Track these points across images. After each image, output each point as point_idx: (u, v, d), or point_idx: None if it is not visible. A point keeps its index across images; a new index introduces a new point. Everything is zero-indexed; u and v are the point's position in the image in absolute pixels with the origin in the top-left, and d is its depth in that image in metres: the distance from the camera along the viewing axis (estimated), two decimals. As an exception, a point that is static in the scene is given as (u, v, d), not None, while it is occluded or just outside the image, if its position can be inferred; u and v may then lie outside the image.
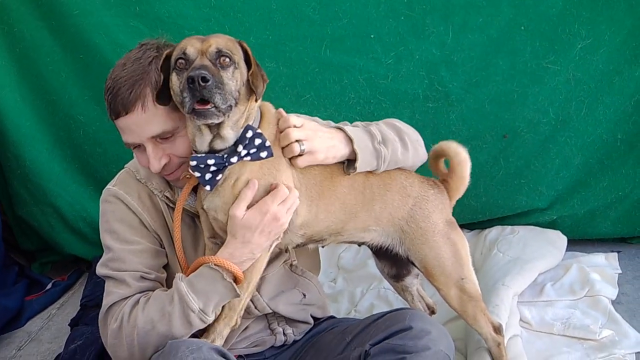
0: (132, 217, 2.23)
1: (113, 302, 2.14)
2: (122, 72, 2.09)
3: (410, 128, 2.42)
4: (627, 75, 3.27)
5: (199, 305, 2.04)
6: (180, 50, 1.95)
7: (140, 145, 2.14)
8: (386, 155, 2.23)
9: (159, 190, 2.26)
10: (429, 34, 3.29)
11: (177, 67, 1.94)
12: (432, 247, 2.34)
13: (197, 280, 2.07)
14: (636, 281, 3.26)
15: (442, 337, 2.07)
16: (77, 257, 4.05)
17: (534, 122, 3.40)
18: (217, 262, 2.05)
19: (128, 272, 2.16)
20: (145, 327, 2.05)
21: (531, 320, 2.95)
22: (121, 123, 2.11)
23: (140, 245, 2.21)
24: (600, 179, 3.48)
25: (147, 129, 2.09)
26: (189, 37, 2.00)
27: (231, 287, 2.06)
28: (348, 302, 3.30)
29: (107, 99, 2.11)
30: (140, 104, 2.07)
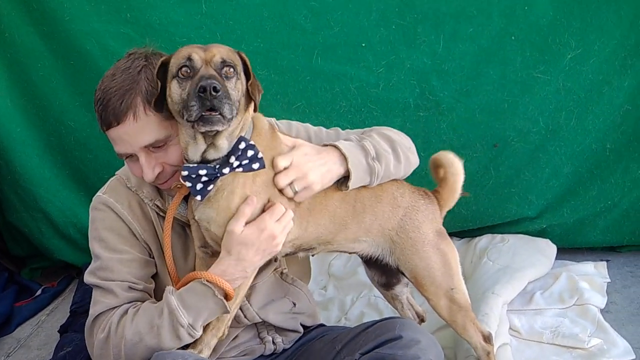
0: (121, 225, 2.22)
1: (100, 312, 2.12)
2: (112, 83, 2.07)
3: (402, 136, 2.42)
4: (616, 85, 3.30)
5: (188, 321, 2.03)
6: (183, 58, 1.93)
7: (133, 155, 2.13)
8: (379, 171, 2.23)
9: (150, 199, 2.25)
10: (420, 43, 3.31)
11: (180, 75, 1.93)
12: (422, 258, 2.33)
13: (188, 295, 2.05)
14: (625, 290, 3.28)
15: (432, 346, 2.07)
16: (67, 263, 4.04)
17: (524, 131, 3.43)
18: (209, 278, 2.04)
19: (116, 281, 2.15)
20: (133, 339, 2.04)
21: (520, 329, 2.96)
22: (113, 134, 2.10)
23: (128, 255, 2.20)
24: (590, 188, 3.51)
25: (139, 138, 2.07)
26: (189, 46, 1.98)
27: (222, 304, 2.05)
28: (338, 310, 3.30)
29: (98, 110, 2.10)
30: (132, 114, 2.05)
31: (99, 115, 2.10)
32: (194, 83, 1.87)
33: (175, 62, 1.95)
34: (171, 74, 1.96)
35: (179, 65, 1.93)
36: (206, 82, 1.83)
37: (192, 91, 1.87)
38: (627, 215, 3.50)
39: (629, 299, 3.20)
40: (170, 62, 1.98)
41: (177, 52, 1.98)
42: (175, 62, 1.95)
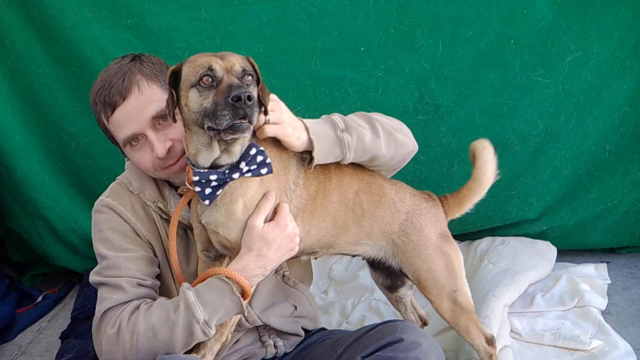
0: (125, 226, 2.23)
1: (108, 307, 2.11)
2: (108, 72, 2.17)
3: (391, 118, 2.39)
4: (615, 87, 3.32)
5: (204, 317, 2.01)
6: (203, 67, 1.92)
7: (141, 138, 2.15)
8: (350, 143, 2.18)
9: (152, 201, 2.26)
10: (418, 47, 3.32)
11: (201, 84, 1.92)
12: (424, 260, 2.33)
13: (205, 291, 2.04)
14: (625, 292, 3.28)
15: (433, 349, 2.07)
16: (68, 269, 4.04)
17: (524, 134, 3.44)
18: (228, 274, 2.04)
19: (124, 277, 2.14)
20: (146, 333, 2.02)
21: (522, 331, 2.97)
22: (119, 114, 2.14)
23: (135, 253, 2.20)
24: (589, 190, 3.52)
25: (146, 110, 2.13)
26: (202, 54, 1.98)
27: (238, 302, 2.04)
28: (339, 314, 3.30)
29: (101, 97, 2.15)
30: (136, 87, 2.13)
31: (103, 101, 2.15)
32: (222, 92, 1.87)
33: (192, 71, 1.94)
34: (188, 83, 1.94)
35: (200, 75, 1.92)
36: (239, 91, 1.84)
37: (221, 100, 1.86)
38: (627, 216, 3.51)
39: (630, 300, 3.21)
40: (184, 70, 1.96)
41: (190, 60, 1.97)
42: (193, 71, 1.94)
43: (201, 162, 2.02)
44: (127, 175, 2.33)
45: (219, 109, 1.87)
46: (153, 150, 2.16)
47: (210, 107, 1.90)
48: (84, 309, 3.48)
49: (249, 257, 2.05)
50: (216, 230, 2.08)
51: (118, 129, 2.18)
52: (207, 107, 1.90)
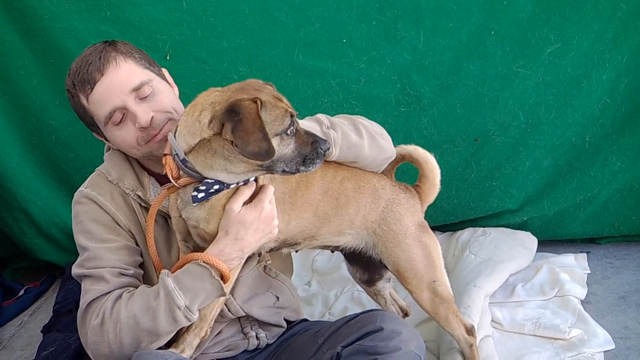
0: (105, 216, 2.22)
1: (92, 299, 2.10)
2: (84, 55, 2.19)
3: (372, 123, 2.42)
4: (595, 78, 3.33)
5: (185, 302, 2.02)
6: (288, 117, 1.95)
7: (123, 112, 2.15)
8: (336, 139, 2.23)
9: (131, 190, 2.25)
10: (400, 39, 3.33)
11: (288, 133, 1.96)
12: (404, 250, 2.36)
13: (184, 277, 2.05)
14: (605, 281, 3.31)
15: (413, 338, 2.08)
16: (49, 263, 4.00)
17: (505, 125, 3.45)
18: (205, 259, 2.04)
19: (106, 268, 2.13)
20: (128, 322, 2.03)
21: (502, 321, 2.99)
22: (99, 89, 2.13)
23: (116, 243, 2.19)
24: (569, 181, 3.54)
25: (126, 83, 2.14)
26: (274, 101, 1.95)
27: (218, 286, 2.05)
28: (322, 305, 3.31)
29: (79, 77, 2.15)
30: (114, 62, 2.14)
31: (81, 81, 2.14)
32: (306, 143, 2.00)
33: (276, 120, 1.93)
34: (273, 131, 1.92)
35: (287, 125, 1.95)
36: (327, 144, 2.03)
37: (310, 150, 1.99)
38: (606, 207, 3.54)
39: (609, 289, 3.24)
40: (264, 116, 1.91)
41: (269, 105, 1.94)
42: (278, 120, 1.93)
43: (209, 176, 2.02)
44: (106, 166, 2.32)
45: (309, 158, 2.00)
46: (136, 122, 2.16)
47: (291, 154, 1.98)
48: (66, 303, 3.46)
49: (226, 240, 2.07)
50: (196, 225, 2.10)
51: (99, 106, 2.16)
52: (289, 155, 1.98)
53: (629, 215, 3.54)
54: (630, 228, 3.58)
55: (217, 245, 2.07)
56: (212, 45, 3.38)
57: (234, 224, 2.06)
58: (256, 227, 2.08)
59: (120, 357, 2.06)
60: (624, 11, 3.20)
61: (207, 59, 3.40)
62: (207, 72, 3.42)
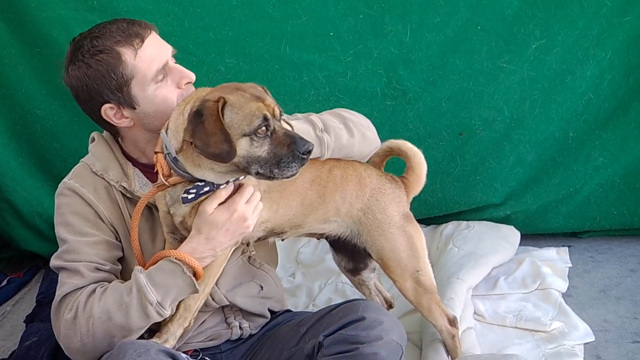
0: (87, 209, 2.22)
1: (66, 292, 2.12)
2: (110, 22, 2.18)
3: (358, 115, 2.45)
4: (579, 74, 3.36)
5: (157, 298, 2.04)
6: (258, 118, 1.93)
7: (166, 73, 2.16)
8: (329, 142, 2.27)
9: (116, 181, 2.25)
10: (387, 33, 3.33)
11: (257, 134, 1.94)
12: (388, 239, 2.39)
13: (157, 273, 2.07)
14: (586, 275, 3.35)
15: (395, 327, 2.10)
16: (33, 253, 3.99)
17: (489, 120, 3.47)
18: (178, 256, 2.06)
19: (82, 262, 2.15)
20: (101, 317, 2.04)
21: (485, 313, 3.01)
22: (150, 44, 2.14)
23: (95, 238, 2.20)
24: (552, 176, 3.56)
25: (165, 44, 2.21)
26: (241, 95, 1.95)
27: (190, 282, 2.07)
28: (306, 297, 3.32)
29: (125, 32, 2.12)
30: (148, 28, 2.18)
31: (129, 35, 2.12)
32: (282, 144, 1.94)
33: (244, 120, 1.93)
34: (239, 131, 1.92)
35: (256, 126, 1.93)
36: (308, 146, 1.95)
37: (286, 152, 1.94)
38: (588, 201, 3.56)
39: (590, 283, 3.27)
40: (228, 115, 1.92)
41: (234, 105, 1.93)
42: (245, 120, 1.93)
43: (197, 176, 2.03)
44: (90, 157, 2.32)
45: (284, 161, 1.94)
46: (182, 79, 2.18)
47: (266, 156, 1.95)
48: (49, 293, 3.43)
49: (198, 239, 2.09)
50: (183, 220, 2.12)
51: (148, 62, 2.12)
52: (263, 156, 1.95)
53: (611, 210, 3.57)
54: (611, 222, 3.61)
55: (190, 243, 2.10)
56: (198, 36, 3.37)
57: (205, 224, 2.08)
58: (227, 228, 2.10)
59: (92, 351, 2.08)
60: (609, 8, 3.22)
61: (194, 50, 3.39)
62: (193, 63, 3.23)
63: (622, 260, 3.46)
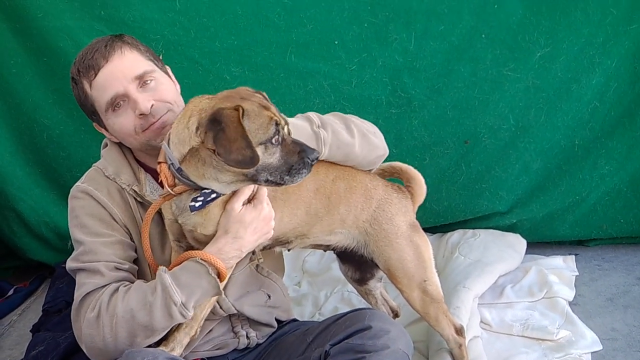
0: (102, 211, 2.24)
1: (88, 292, 2.11)
2: (91, 44, 2.24)
3: (364, 121, 2.44)
4: (584, 83, 3.36)
5: (181, 299, 2.03)
6: (273, 126, 1.94)
7: (124, 100, 2.18)
8: (326, 138, 2.26)
9: (128, 184, 2.27)
10: (391, 41, 3.35)
11: (273, 142, 1.95)
12: (395, 249, 2.38)
13: (182, 274, 2.06)
14: (592, 283, 3.33)
15: (401, 336, 2.10)
16: (39, 262, 4.00)
17: (495, 128, 3.47)
18: (203, 257, 2.06)
19: (101, 262, 2.15)
20: (124, 316, 2.04)
21: (491, 322, 3.00)
22: (103, 75, 2.18)
23: (112, 238, 2.21)
24: (558, 184, 3.56)
25: (129, 70, 2.19)
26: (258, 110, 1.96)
27: (215, 284, 2.07)
28: (312, 306, 3.31)
29: (84, 63, 2.19)
30: (119, 51, 2.20)
31: (86, 67, 2.19)
32: (292, 152, 1.98)
33: (260, 128, 1.94)
34: (256, 140, 1.93)
35: (272, 134, 1.94)
36: (315, 154, 2.00)
37: (296, 160, 1.98)
38: (594, 209, 3.55)
39: (597, 291, 3.25)
40: (247, 124, 1.93)
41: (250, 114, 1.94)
42: (262, 129, 1.94)
43: (202, 185, 2.04)
44: (103, 162, 2.35)
45: (295, 168, 1.98)
46: (136, 109, 2.18)
47: (277, 163, 1.97)
48: (56, 302, 3.44)
49: (225, 239, 2.09)
50: (193, 230, 2.12)
51: (101, 92, 2.20)
52: (274, 164, 1.97)
53: (617, 218, 3.56)
54: (618, 230, 3.60)
55: (216, 243, 2.09)
56: (204, 45, 3.40)
57: (234, 222, 2.08)
58: (255, 226, 2.11)
59: (114, 350, 2.06)
60: (614, 16, 3.22)
61: (200, 59, 3.42)
62: (199, 73, 3.43)
63: (629, 269, 3.44)
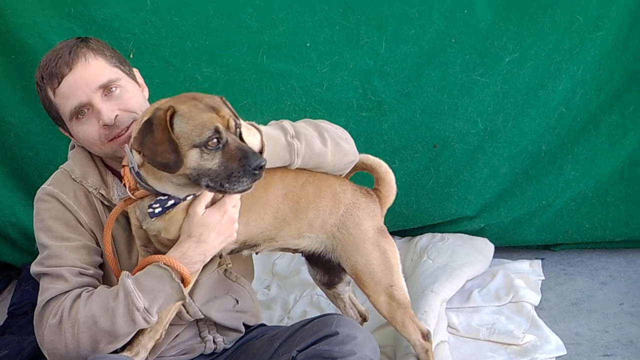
0: (68, 215, 2.21)
1: (50, 297, 2.09)
2: (55, 49, 2.20)
3: (336, 127, 2.43)
4: (551, 88, 3.38)
5: (144, 304, 2.01)
6: (209, 129, 1.89)
7: (87, 110, 2.16)
8: (299, 149, 2.23)
9: (94, 188, 2.24)
10: (363, 44, 3.34)
11: (208, 146, 1.91)
12: (362, 254, 2.37)
13: (144, 278, 2.04)
14: (558, 287, 3.36)
15: (367, 342, 2.10)
16: (5, 263, 3.94)
17: (463, 132, 3.47)
18: (166, 261, 2.03)
19: (65, 267, 2.12)
20: (86, 322, 2.01)
21: (458, 326, 3.01)
22: (66, 84, 2.15)
23: (77, 242, 2.18)
24: (526, 189, 3.56)
25: (93, 79, 2.15)
26: (194, 106, 1.93)
27: (178, 289, 2.04)
28: (281, 309, 3.30)
29: (47, 70, 2.16)
30: (83, 58, 2.16)
31: (49, 74, 2.16)
32: (234, 157, 1.90)
33: (194, 130, 1.90)
34: (189, 142, 1.91)
35: (207, 137, 1.90)
36: (260, 160, 1.90)
37: (237, 167, 1.90)
38: (560, 214, 3.57)
39: (562, 296, 3.28)
40: (178, 125, 1.91)
41: (185, 115, 1.91)
42: (196, 131, 1.90)
43: (160, 190, 2.02)
44: (70, 164, 2.32)
45: (234, 175, 1.90)
46: (100, 119, 2.16)
47: (217, 169, 1.92)
48: (21, 304, 3.40)
49: (189, 243, 2.07)
50: (157, 235, 2.10)
51: (65, 101, 2.17)
52: (213, 169, 1.92)
53: (583, 223, 3.59)
54: (583, 236, 3.62)
55: (180, 248, 2.07)
56: (175, 45, 3.37)
57: (197, 226, 2.06)
58: (218, 230, 2.09)
59: (76, 357, 2.04)
60: (580, 23, 3.26)
61: (171, 58, 3.38)
62: (170, 72, 3.40)
63: (593, 273, 3.48)
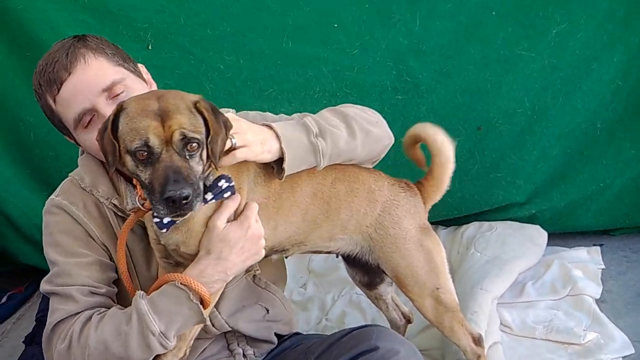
0: (77, 228, 2.09)
1: (59, 320, 1.98)
2: (50, 52, 2.06)
3: (366, 110, 2.28)
4: (605, 60, 3.23)
5: (160, 328, 1.88)
6: (139, 139, 1.72)
7: (93, 114, 2.01)
8: (325, 149, 2.06)
9: (106, 198, 2.11)
10: (395, 22, 3.22)
11: (137, 156, 1.74)
12: (403, 256, 2.23)
13: (160, 299, 1.91)
14: (620, 277, 3.19)
15: (411, 356, 1.95)
16: (32, 267, 3.87)
17: (509, 112, 3.35)
18: (183, 280, 1.90)
19: (75, 286, 2.01)
20: (97, 347, 1.89)
21: (512, 324, 2.88)
22: (66, 90, 2.01)
23: (87, 258, 2.05)
24: (580, 170, 3.45)
25: (95, 82, 2.01)
26: (141, 113, 1.75)
27: (197, 310, 1.90)
28: (318, 310, 3.20)
29: (45, 76, 2.04)
30: (82, 59, 2.02)
31: (47, 81, 2.03)
32: (157, 178, 1.72)
33: (128, 135, 1.75)
34: (124, 145, 1.76)
35: (135, 147, 1.73)
36: (173, 193, 1.69)
37: (157, 190, 1.72)
38: (620, 197, 3.44)
39: (625, 286, 3.11)
40: (121, 122, 1.77)
41: (129, 114, 1.76)
42: (129, 136, 1.74)
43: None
44: (79, 171, 2.19)
45: (154, 199, 1.74)
46: None
47: (147, 183, 1.77)
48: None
49: (207, 260, 1.92)
50: (176, 249, 1.97)
51: (67, 108, 2.04)
52: (144, 182, 1.77)
53: (644, 205, 3.46)
54: (645, 218, 3.49)
55: (198, 265, 1.93)
56: (195, 33, 3.28)
57: (217, 242, 1.92)
58: (241, 246, 1.94)
59: None
60: (636, -14, 3.09)
61: (191, 48, 3.31)
62: (191, 62, 3.32)
63: (659, 259, 3.32)
